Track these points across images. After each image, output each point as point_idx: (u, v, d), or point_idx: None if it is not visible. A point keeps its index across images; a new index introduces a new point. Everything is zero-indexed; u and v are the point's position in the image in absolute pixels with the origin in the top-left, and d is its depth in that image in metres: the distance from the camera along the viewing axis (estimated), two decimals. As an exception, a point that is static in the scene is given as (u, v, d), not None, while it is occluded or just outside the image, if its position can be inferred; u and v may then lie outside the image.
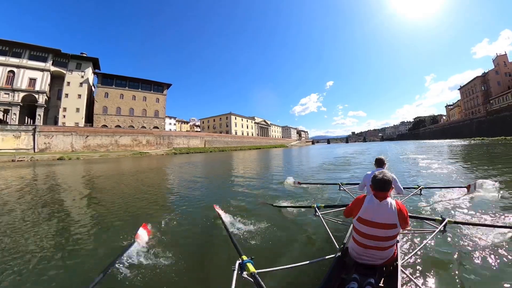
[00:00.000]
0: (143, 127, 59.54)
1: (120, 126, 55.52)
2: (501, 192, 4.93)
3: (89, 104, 54.47)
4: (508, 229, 3.02)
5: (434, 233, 2.64)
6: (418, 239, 3.10)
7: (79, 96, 51.13)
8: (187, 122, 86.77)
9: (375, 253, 2.01)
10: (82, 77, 51.29)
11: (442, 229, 2.67)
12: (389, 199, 2.01)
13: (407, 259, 2.35)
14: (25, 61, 44.60)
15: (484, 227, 3.17)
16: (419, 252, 2.54)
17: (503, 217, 3.83)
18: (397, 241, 2.26)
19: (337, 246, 2.45)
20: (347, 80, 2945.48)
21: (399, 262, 2.05)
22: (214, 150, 62.91)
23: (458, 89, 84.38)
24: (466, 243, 2.96)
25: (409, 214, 2.75)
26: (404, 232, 3.12)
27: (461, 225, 3.18)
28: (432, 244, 2.90)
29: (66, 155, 40.33)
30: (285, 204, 5.11)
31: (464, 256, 2.69)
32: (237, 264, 2.07)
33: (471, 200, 4.79)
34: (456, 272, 2.44)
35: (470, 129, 60.49)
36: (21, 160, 35.90)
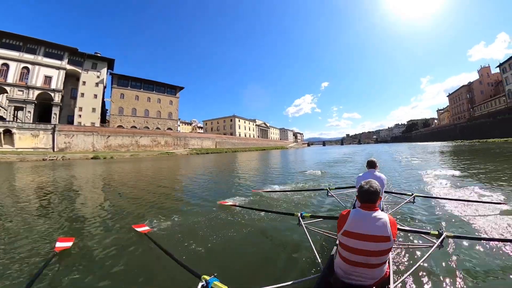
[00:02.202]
0: (158, 128, 56.75)
1: (135, 127, 52.34)
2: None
3: (102, 104, 50.61)
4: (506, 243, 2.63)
5: (430, 250, 2.22)
6: (412, 255, 2.68)
7: (95, 96, 47.44)
8: (190, 124, 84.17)
9: (365, 272, 1.74)
10: (98, 77, 47.83)
11: (439, 244, 2.26)
12: (378, 211, 1.78)
13: (401, 280, 1.94)
14: (40, 58, 40.45)
15: (486, 241, 2.80)
16: (414, 272, 2.12)
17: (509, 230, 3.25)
18: (389, 259, 1.94)
19: (321, 264, 2.13)
20: (343, 81, 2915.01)
21: (392, 285, 1.73)
22: (228, 151, 62.06)
23: (447, 96, 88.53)
24: (468, 261, 2.53)
25: (403, 227, 2.71)
26: (397, 247, 2.77)
27: (462, 240, 2.76)
28: (429, 261, 2.47)
29: (100, 154, 37.15)
30: (260, 207, 4.41)
31: (466, 277, 2.28)
32: (199, 286, 1.69)
33: (470, 211, 4.15)
34: None
35: (454, 133, 66.18)
36: (52, 159, 32.29)
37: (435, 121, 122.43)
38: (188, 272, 2.00)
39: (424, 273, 2.34)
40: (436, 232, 2.39)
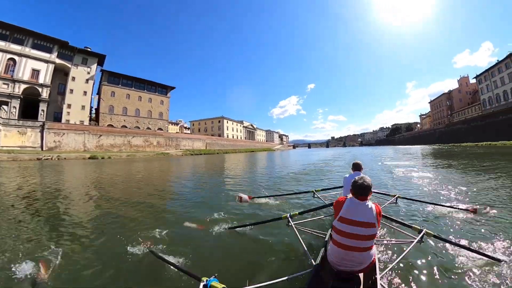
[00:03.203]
0: (148, 128, 55.66)
1: (126, 127, 50.97)
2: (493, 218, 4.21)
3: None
4: (486, 258, 2.70)
5: (412, 244, 2.49)
6: (395, 249, 2.97)
7: (85, 93, 45.49)
8: (177, 124, 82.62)
9: (356, 256, 1.95)
10: (88, 73, 45.90)
11: (419, 239, 2.53)
12: (369, 201, 2.04)
13: (386, 271, 2.21)
14: (28, 50, 38.04)
15: (461, 249, 2.91)
16: (397, 263, 2.41)
17: (483, 243, 3.28)
18: (375, 245, 2.23)
19: (313, 260, 2.26)
20: (329, 83, 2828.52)
21: (378, 274, 1.97)
22: (219, 152, 62.50)
23: (429, 102, 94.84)
24: (444, 260, 2.78)
25: (388, 216, 3.10)
26: (382, 242, 3.03)
27: (439, 241, 2.95)
28: (410, 255, 2.71)
29: (98, 154, 35.95)
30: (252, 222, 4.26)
31: (443, 273, 2.52)
32: (201, 286, 1.81)
33: (447, 215, 4.40)
34: (431, 285, 2.36)
35: (434, 138, 71.26)
36: (47, 159, 30.83)
37: (418, 125, 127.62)
38: (190, 277, 2.09)
39: (405, 265, 2.62)
40: (418, 227, 2.67)
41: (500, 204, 5.14)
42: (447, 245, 3.01)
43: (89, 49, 46.96)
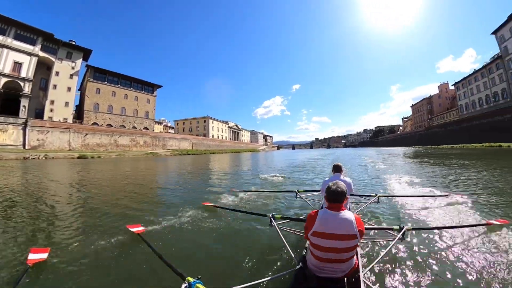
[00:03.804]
0: (134, 127, 54.91)
1: (111, 125, 49.98)
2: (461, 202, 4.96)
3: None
4: (463, 228, 3.16)
5: (393, 242, 2.57)
6: (378, 248, 3.02)
7: (69, 89, 44.09)
8: (160, 123, 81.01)
9: (335, 266, 1.89)
10: (73, 68, 44.50)
11: (401, 237, 2.60)
12: (345, 211, 1.92)
13: (369, 269, 2.25)
14: (10, 41, 36.25)
15: (440, 230, 3.28)
16: (380, 261, 2.47)
17: (458, 218, 3.88)
18: (357, 252, 2.17)
19: (296, 259, 2.29)
20: (314, 84, 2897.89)
21: (361, 273, 1.96)
22: (206, 152, 63.12)
23: (410, 107, 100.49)
24: (425, 248, 2.96)
25: (368, 225, 3.17)
26: (364, 241, 3.10)
27: (419, 231, 3.21)
28: (393, 252, 2.85)
29: (88, 153, 35.45)
30: (237, 208, 4.66)
31: (424, 261, 2.68)
32: (183, 287, 1.83)
33: (428, 206, 4.83)
34: (418, 278, 2.43)
35: (414, 140, 76.20)
36: (34, 158, 30.13)
37: (400, 128, 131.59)
38: (174, 273, 2.14)
39: (389, 263, 2.66)
40: (398, 227, 2.71)
41: (465, 188, 6.48)
42: (430, 233, 3.25)
43: (73, 43, 45.52)
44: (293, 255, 2.39)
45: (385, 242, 3.02)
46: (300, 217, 3.55)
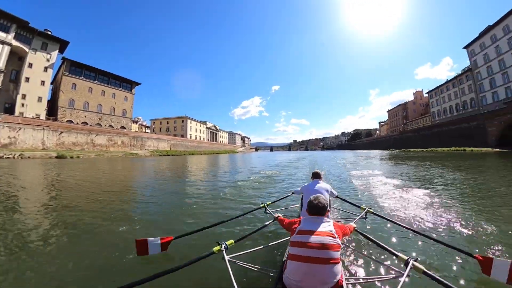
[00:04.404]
0: (111, 126, 53.66)
1: (87, 123, 48.58)
2: None
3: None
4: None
5: (401, 281, 1.94)
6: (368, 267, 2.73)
7: (43, 82, 42.19)
8: (136, 122, 78.63)
9: (317, 267, 1.79)
10: (48, 60, 42.62)
11: (407, 274, 2.02)
12: (326, 220, 1.95)
13: None
14: (-21, 28, 34.16)
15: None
16: None
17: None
18: (342, 270, 1.93)
19: None
20: (294, 86, 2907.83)
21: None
22: (185, 153, 63.48)
23: (387, 112, 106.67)
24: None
25: (371, 238, 2.67)
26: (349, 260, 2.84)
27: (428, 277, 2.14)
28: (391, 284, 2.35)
29: (67, 153, 34.63)
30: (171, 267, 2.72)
31: None
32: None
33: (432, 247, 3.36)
34: None
35: (389, 143, 78.92)
36: (8, 157, 29.19)
37: (377, 131, 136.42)
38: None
39: None
40: (404, 258, 2.18)
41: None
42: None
43: (49, 32, 43.60)
44: None
45: (384, 279, 2.42)
46: (257, 230, 3.08)
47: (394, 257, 2.36)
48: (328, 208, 2.07)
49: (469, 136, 42.35)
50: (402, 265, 2.18)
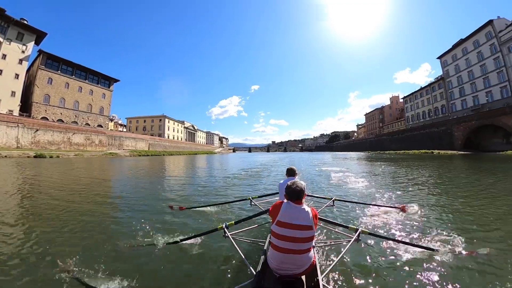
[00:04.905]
0: (87, 124, 52.46)
1: (62, 121, 47.33)
2: (421, 213, 5.04)
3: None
4: (418, 248, 3.10)
5: (349, 243, 2.75)
6: (334, 249, 3.28)
7: (17, 76, 40.45)
8: (111, 120, 75.90)
9: (295, 258, 2.10)
10: (23, 52, 40.96)
11: (356, 238, 2.78)
12: (304, 205, 2.20)
13: (327, 271, 2.42)
14: (-51, 16, 32.41)
15: (394, 242, 3.36)
16: (336, 261, 2.60)
17: (412, 236, 3.89)
18: (314, 247, 2.43)
19: (253, 268, 2.37)
20: (273, 86, 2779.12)
21: (318, 271, 2.17)
22: (165, 153, 63.62)
23: (364, 115, 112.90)
24: (380, 254, 3.18)
25: (325, 218, 3.38)
26: (321, 244, 3.30)
27: (374, 237, 3.28)
28: (348, 253, 3.05)
29: (46, 152, 34.25)
30: (185, 236, 3.90)
31: (379, 265, 2.91)
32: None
33: (384, 216, 4.97)
34: (373, 280, 2.62)
35: (365, 146, 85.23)
36: None
37: (355, 134, 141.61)
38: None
39: (345, 264, 2.95)
40: (354, 227, 2.95)
41: (420, 199, 6.64)
42: (383, 241, 3.45)
43: (25, 22, 41.91)
44: (249, 265, 2.43)
45: (341, 243, 3.14)
46: (255, 214, 3.62)
47: (348, 229, 3.10)
48: (305, 192, 2.32)
49: (438, 140, 47.25)
50: (354, 234, 2.86)
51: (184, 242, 3.57)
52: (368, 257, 3.12)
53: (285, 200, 2.29)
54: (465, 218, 4.96)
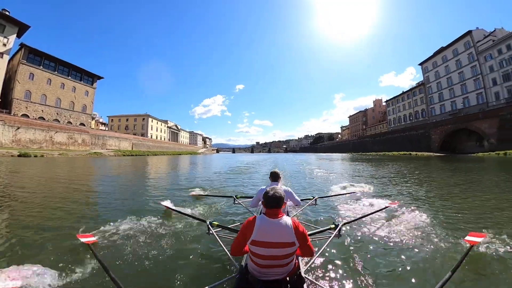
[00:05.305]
0: (69, 122, 51.49)
1: (43, 118, 46.25)
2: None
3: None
4: (384, 209, 4.13)
5: (330, 239, 2.90)
6: (317, 247, 3.07)
7: (-4, 70, 39.17)
8: (93, 118, 73.76)
9: (276, 270, 1.98)
10: (5, 45, 39.70)
11: (337, 233, 2.94)
12: (284, 217, 1.96)
13: (309, 265, 2.53)
14: None
15: (369, 216, 4.11)
16: (320, 259, 2.71)
17: (378, 203, 5.13)
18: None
19: (237, 265, 2.36)
20: (258, 86, 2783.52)
21: (302, 271, 2.15)
22: (149, 154, 63.36)
23: (348, 117, 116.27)
24: (359, 241, 3.53)
25: (308, 232, 2.99)
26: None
27: (353, 226, 3.87)
28: (331, 248, 3.18)
29: (31, 151, 33.87)
30: (176, 208, 4.74)
31: (360, 254, 3.12)
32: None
33: (362, 203, 5.73)
34: (355, 270, 2.75)
35: (349, 147, 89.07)
36: None
37: (339, 136, 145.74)
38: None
39: (327, 258, 3.03)
40: (333, 225, 3.10)
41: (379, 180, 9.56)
42: (363, 236, 3.73)
43: (7, 13, 40.66)
44: (233, 260, 2.43)
45: (323, 240, 3.22)
46: (238, 226, 3.57)
47: (329, 230, 3.11)
48: (285, 200, 2.14)
49: (416, 143, 50.46)
50: (335, 230, 3.01)
51: (171, 220, 4.33)
52: (349, 247, 3.34)
53: (258, 214, 2.17)
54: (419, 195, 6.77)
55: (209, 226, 3.09)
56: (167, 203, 5.18)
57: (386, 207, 4.74)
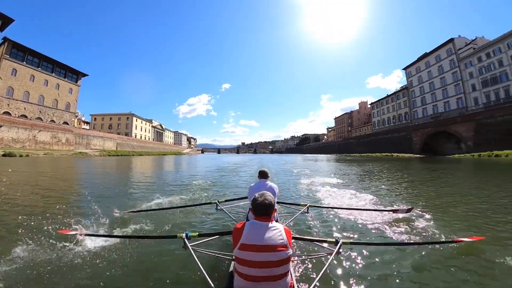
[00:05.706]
0: (52, 121, 50.56)
1: (26, 116, 45.26)
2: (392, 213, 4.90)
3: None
4: (398, 246, 3.28)
5: (330, 258, 2.44)
6: (313, 265, 2.97)
7: (-23, 66, 38.15)
8: (76, 116, 71.76)
9: (268, 286, 1.76)
10: (-14, 40, 38.79)
11: (337, 251, 2.51)
12: (274, 222, 1.89)
13: None
14: None
15: (375, 246, 3.39)
16: (317, 280, 2.24)
17: (392, 234, 3.95)
18: (291, 271, 2.00)
19: (215, 286, 2.03)
20: (245, 85, 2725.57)
21: None
22: (134, 154, 63.23)
23: (334, 119, 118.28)
24: (362, 265, 3.01)
25: (301, 236, 3.15)
26: (298, 259, 3.05)
27: (356, 246, 3.24)
28: (329, 268, 2.68)
29: (16, 151, 33.72)
30: (131, 234, 3.97)
31: (361, 277, 2.75)
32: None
33: (360, 219, 4.89)
34: None
35: (334, 148, 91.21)
36: None
37: (325, 137, 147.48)
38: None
39: (326, 280, 2.67)
40: (334, 240, 2.64)
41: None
42: (365, 251, 3.29)
43: (-12, 11, 39.71)
44: (211, 283, 2.03)
45: (319, 258, 2.88)
46: (223, 231, 3.17)
47: (327, 243, 2.73)
48: (274, 205, 1.98)
49: (398, 145, 53.42)
50: (335, 247, 2.55)
51: (133, 244, 3.42)
52: (350, 270, 2.94)
53: (248, 220, 2.07)
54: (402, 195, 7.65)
55: (185, 240, 2.63)
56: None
57: (447, 242, 3.84)
